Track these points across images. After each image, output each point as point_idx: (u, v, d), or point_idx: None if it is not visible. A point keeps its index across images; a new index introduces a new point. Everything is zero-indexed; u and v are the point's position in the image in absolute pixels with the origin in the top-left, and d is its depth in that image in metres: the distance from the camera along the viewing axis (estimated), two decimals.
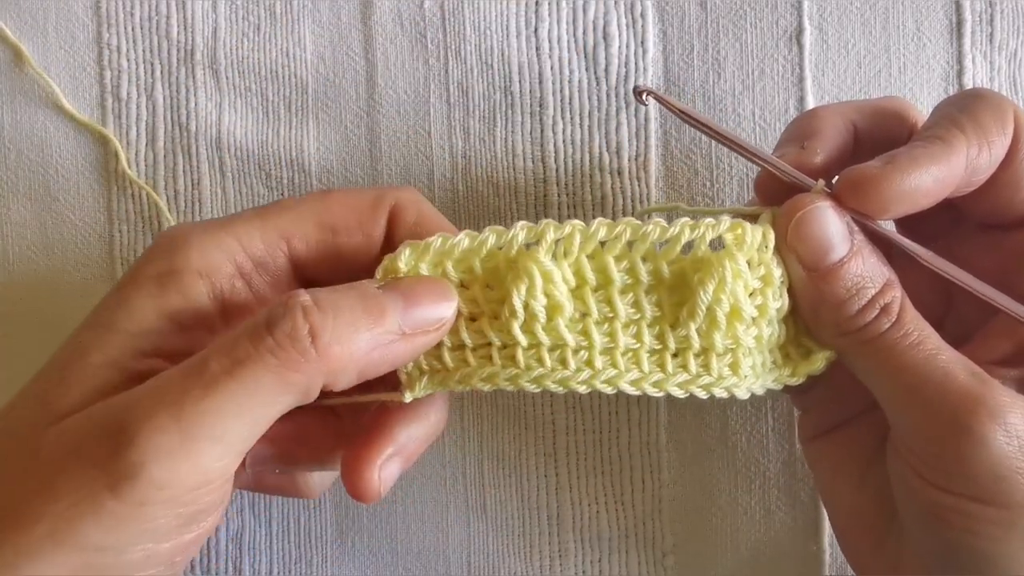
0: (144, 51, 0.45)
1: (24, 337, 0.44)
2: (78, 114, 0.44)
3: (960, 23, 0.44)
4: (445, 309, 0.33)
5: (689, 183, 0.44)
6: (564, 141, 0.44)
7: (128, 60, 0.45)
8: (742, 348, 0.33)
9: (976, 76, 0.44)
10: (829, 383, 0.37)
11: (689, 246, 0.33)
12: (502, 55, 0.44)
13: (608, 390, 0.33)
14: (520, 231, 0.32)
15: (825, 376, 0.36)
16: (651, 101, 0.36)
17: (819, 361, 0.35)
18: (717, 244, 0.33)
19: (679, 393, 0.33)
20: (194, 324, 0.33)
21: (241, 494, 0.45)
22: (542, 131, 0.44)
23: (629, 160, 0.44)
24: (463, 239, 0.33)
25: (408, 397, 0.34)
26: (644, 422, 0.44)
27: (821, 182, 0.34)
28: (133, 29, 0.44)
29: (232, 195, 0.44)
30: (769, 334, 0.34)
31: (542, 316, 0.33)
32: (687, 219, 0.33)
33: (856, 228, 0.33)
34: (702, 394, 0.34)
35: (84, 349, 0.32)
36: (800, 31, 0.44)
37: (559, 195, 0.44)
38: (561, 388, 0.33)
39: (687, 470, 0.45)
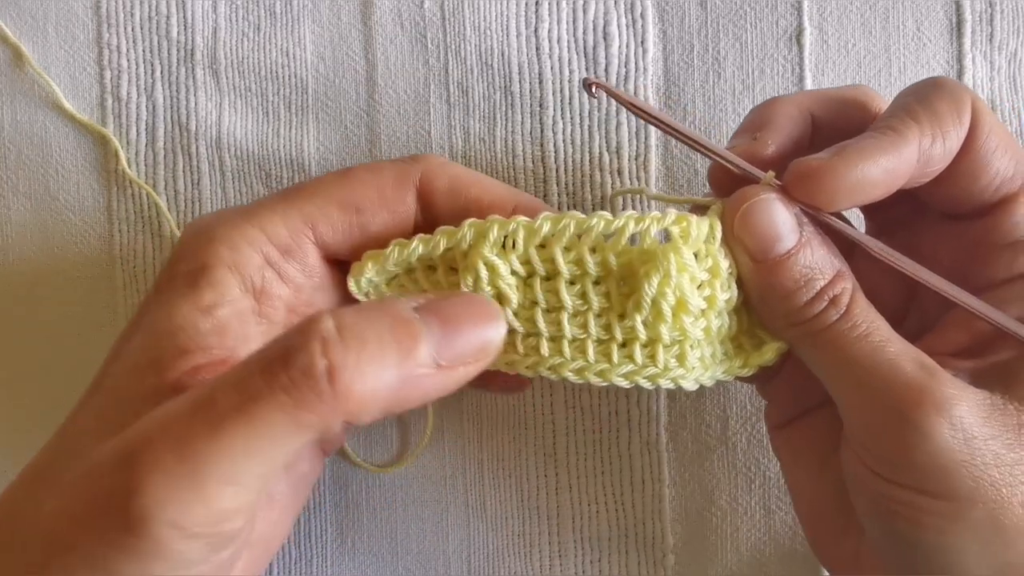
0: (144, 51, 0.45)
1: (24, 337, 0.44)
2: (78, 114, 0.44)
3: (960, 23, 0.44)
4: (492, 333, 0.31)
5: (689, 183, 0.44)
6: (564, 141, 0.44)
7: (128, 60, 0.45)
8: (690, 340, 0.34)
9: (976, 76, 0.44)
10: (790, 373, 0.37)
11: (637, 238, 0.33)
12: (502, 55, 0.44)
13: (553, 377, 0.34)
14: (468, 229, 0.33)
15: (786, 367, 0.36)
16: (601, 94, 0.36)
17: (769, 352, 0.35)
18: (666, 236, 0.33)
19: (624, 383, 0.34)
20: (230, 318, 0.33)
21: None
22: (542, 131, 0.44)
23: (629, 160, 0.44)
24: (418, 245, 0.34)
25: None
26: (644, 422, 0.44)
27: (771, 174, 0.34)
28: (133, 29, 0.45)
29: (232, 195, 0.44)
30: (719, 326, 0.34)
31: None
32: (633, 212, 0.33)
33: (806, 220, 0.33)
34: (648, 385, 0.34)
35: (125, 357, 0.32)
36: (800, 31, 0.44)
37: (559, 195, 0.44)
38: (510, 370, 0.34)
39: (687, 470, 0.45)
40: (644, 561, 0.45)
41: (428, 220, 0.36)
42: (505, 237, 0.33)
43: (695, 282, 0.33)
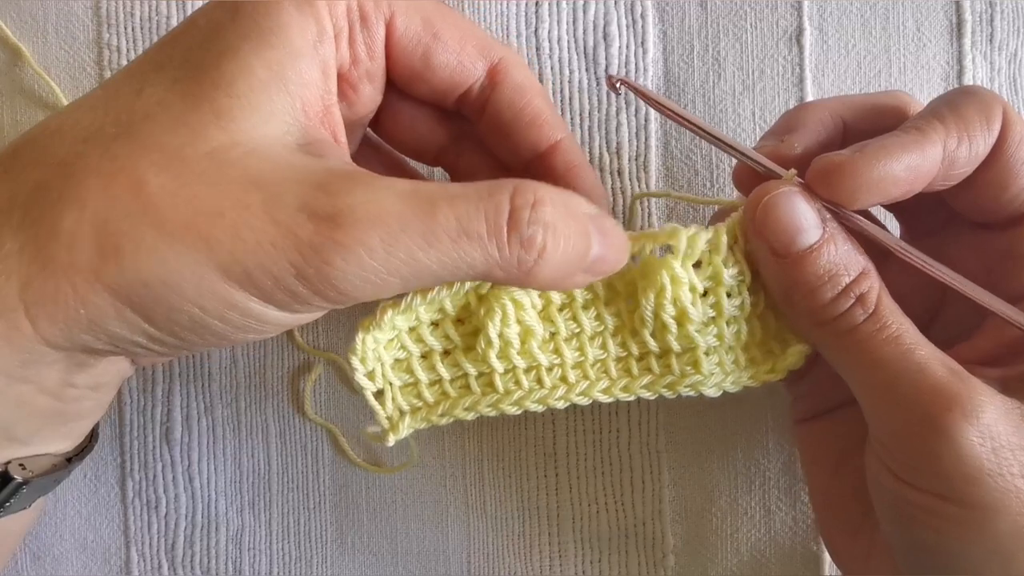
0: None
1: None
2: None
3: (960, 23, 0.44)
4: (623, 261, 0.33)
5: (689, 183, 0.44)
6: None
7: (128, 60, 0.44)
8: (701, 347, 0.35)
9: (976, 76, 0.44)
10: (818, 373, 0.37)
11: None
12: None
13: (584, 401, 0.35)
14: None
15: (815, 366, 0.36)
16: (624, 90, 0.36)
17: (793, 356, 0.35)
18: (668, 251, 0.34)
19: (647, 395, 0.35)
20: (329, 60, 0.32)
21: (240, 493, 0.45)
22: None
23: (629, 160, 0.44)
24: (443, 288, 0.33)
25: (392, 440, 0.35)
26: (644, 422, 0.44)
27: (792, 171, 0.34)
28: (133, 29, 0.44)
29: None
30: (735, 331, 0.35)
31: (516, 342, 0.34)
32: (631, 232, 0.34)
33: (829, 216, 0.33)
34: (669, 394, 0.35)
35: (244, 61, 0.30)
36: (800, 31, 0.44)
37: None
38: (540, 406, 0.35)
39: (687, 470, 0.45)
40: (644, 561, 0.45)
41: (488, 95, 0.35)
42: None
43: (696, 292, 0.34)
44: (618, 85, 0.36)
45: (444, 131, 0.38)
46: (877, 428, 0.33)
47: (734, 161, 0.44)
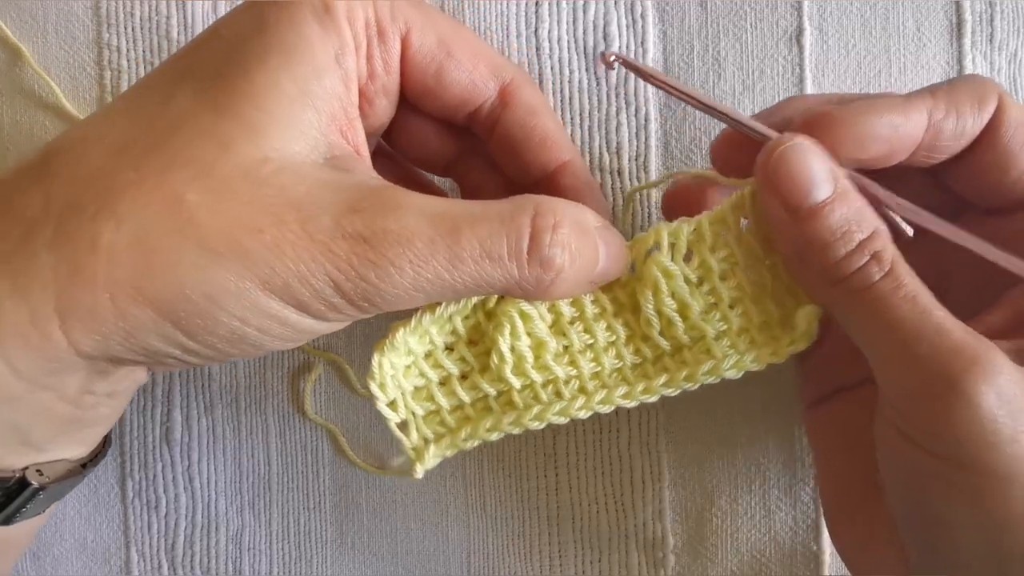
0: (144, 51, 0.45)
1: None
2: (78, 114, 0.44)
3: (960, 23, 0.44)
4: (622, 269, 0.35)
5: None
6: None
7: (128, 60, 0.44)
8: (710, 334, 0.35)
9: None
10: (827, 352, 0.37)
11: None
12: (502, 55, 0.44)
13: (605, 409, 0.35)
14: None
15: (824, 345, 0.36)
16: (619, 66, 0.36)
17: (804, 320, 0.35)
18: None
19: (669, 392, 0.35)
20: (351, 73, 0.32)
21: (240, 493, 0.45)
22: None
23: (629, 160, 0.44)
24: (449, 304, 0.34)
25: (420, 471, 0.35)
26: (644, 422, 0.44)
27: (787, 134, 0.34)
28: (133, 29, 0.44)
29: None
30: (739, 312, 0.35)
31: (530, 356, 0.35)
32: (626, 243, 0.35)
33: (841, 173, 0.33)
34: (690, 386, 0.35)
35: (272, 75, 0.30)
36: (800, 31, 0.44)
37: None
38: (563, 418, 0.35)
39: (687, 470, 0.45)
40: (644, 561, 0.45)
41: (497, 112, 0.36)
42: None
43: (691, 283, 0.35)
44: (612, 59, 0.36)
45: (454, 145, 0.38)
46: (891, 391, 0.32)
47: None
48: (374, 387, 0.34)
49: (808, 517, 0.44)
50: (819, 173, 0.32)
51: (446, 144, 0.38)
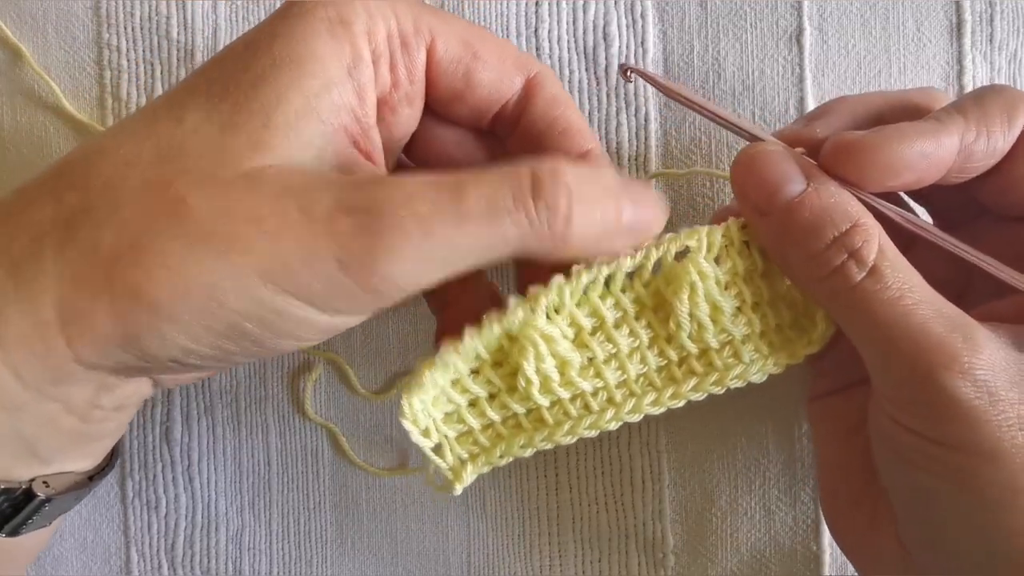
0: (144, 51, 0.45)
1: None
2: (78, 114, 0.44)
3: (960, 23, 0.44)
4: (662, 220, 0.33)
5: (688, 183, 0.44)
6: None
7: (128, 60, 0.45)
8: (737, 338, 0.35)
9: (976, 76, 0.44)
10: (838, 352, 0.37)
11: (660, 264, 0.35)
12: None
13: (635, 418, 0.35)
14: (517, 309, 0.33)
15: (836, 346, 0.37)
16: (636, 78, 0.36)
17: (823, 323, 0.35)
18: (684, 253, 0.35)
19: (697, 396, 0.36)
20: (366, 84, 0.32)
21: (241, 493, 0.45)
22: None
23: (629, 160, 0.44)
24: (473, 337, 0.33)
25: (459, 489, 0.35)
26: (644, 422, 0.44)
27: (800, 150, 0.34)
28: (133, 29, 0.44)
29: None
30: (760, 316, 0.35)
31: (556, 375, 0.34)
32: (651, 241, 0.34)
33: (821, 175, 0.33)
34: (718, 390, 0.35)
35: (280, 90, 0.30)
36: (800, 31, 0.44)
37: None
38: (594, 431, 0.35)
39: (687, 470, 0.45)
40: (644, 561, 0.45)
41: (523, 108, 0.36)
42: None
43: (721, 284, 0.35)
44: (629, 73, 0.37)
45: (477, 155, 0.38)
46: (878, 381, 0.33)
47: (732, 160, 0.44)
48: (407, 424, 0.33)
49: (808, 517, 0.44)
50: (786, 172, 0.33)
51: (469, 154, 0.38)
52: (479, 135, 0.38)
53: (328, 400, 0.45)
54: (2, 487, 0.33)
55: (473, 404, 0.35)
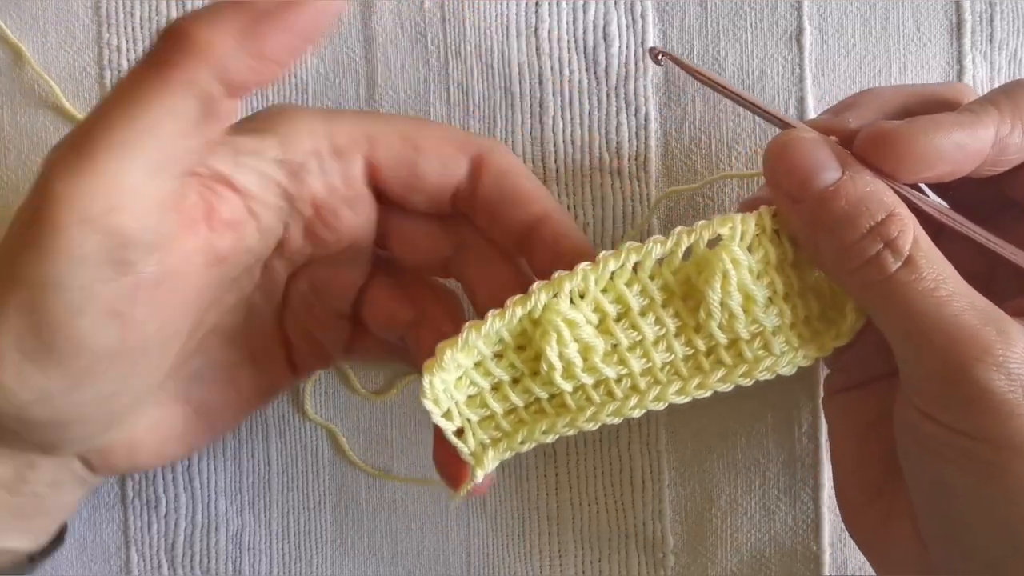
0: (144, 51, 0.44)
1: None
2: (78, 114, 0.44)
3: (960, 23, 0.44)
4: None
5: (689, 183, 0.44)
6: (564, 141, 0.44)
7: (128, 60, 0.45)
8: (768, 329, 0.35)
9: (976, 76, 0.44)
10: (860, 347, 0.37)
11: (689, 251, 0.34)
12: (502, 55, 0.44)
13: (659, 406, 0.35)
14: (540, 293, 0.33)
15: (859, 341, 0.36)
16: (667, 62, 0.36)
17: (852, 315, 0.35)
18: (716, 241, 0.34)
19: (724, 387, 0.35)
20: (258, 180, 0.33)
21: (241, 493, 0.45)
22: (542, 131, 0.44)
23: (629, 160, 0.44)
24: (495, 319, 0.33)
25: (480, 475, 0.35)
26: (644, 422, 0.44)
27: (833, 139, 0.33)
28: (133, 29, 0.45)
29: None
30: (791, 307, 0.35)
31: (579, 360, 0.34)
32: (682, 227, 0.34)
33: (856, 164, 0.33)
34: (747, 382, 0.35)
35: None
36: (800, 31, 0.44)
37: (559, 195, 0.44)
38: (617, 418, 0.34)
39: (687, 470, 0.45)
40: (644, 561, 0.45)
41: (473, 189, 0.36)
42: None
43: (754, 273, 0.34)
44: (660, 57, 0.36)
45: (445, 241, 0.38)
46: (909, 372, 0.33)
47: (733, 159, 0.44)
48: (428, 404, 0.33)
49: (808, 517, 0.44)
50: (820, 160, 0.32)
51: (438, 241, 0.38)
52: (446, 219, 0.38)
53: (328, 400, 0.45)
54: None
55: (496, 388, 0.35)
